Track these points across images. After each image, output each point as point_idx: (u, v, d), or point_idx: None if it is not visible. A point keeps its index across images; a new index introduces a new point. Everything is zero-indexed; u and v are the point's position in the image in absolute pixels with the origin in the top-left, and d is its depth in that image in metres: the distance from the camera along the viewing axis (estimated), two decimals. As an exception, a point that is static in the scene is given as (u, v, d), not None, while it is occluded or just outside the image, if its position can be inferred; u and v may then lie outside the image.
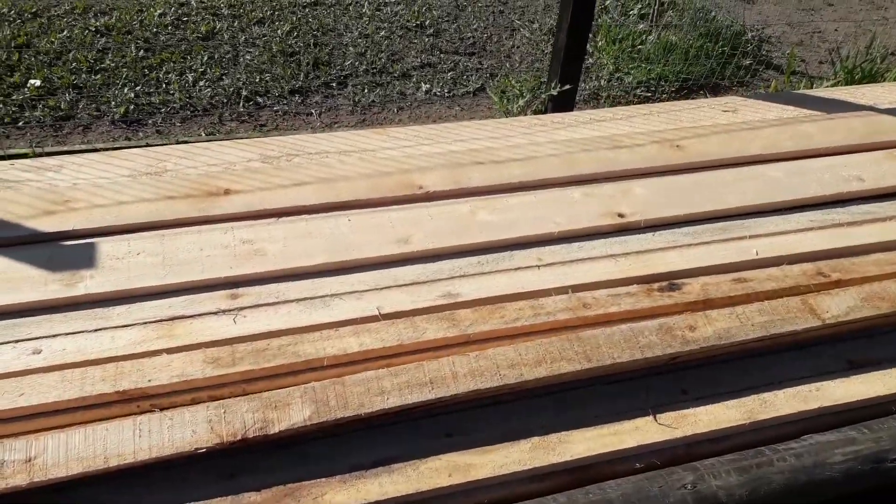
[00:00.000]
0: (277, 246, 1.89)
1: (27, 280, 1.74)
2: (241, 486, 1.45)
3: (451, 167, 2.22)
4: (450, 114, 3.51)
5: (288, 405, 1.51)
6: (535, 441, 1.58)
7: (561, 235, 2.03)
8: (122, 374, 1.55)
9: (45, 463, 1.39)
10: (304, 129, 3.11)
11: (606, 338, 1.71)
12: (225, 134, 3.13)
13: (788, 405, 1.70)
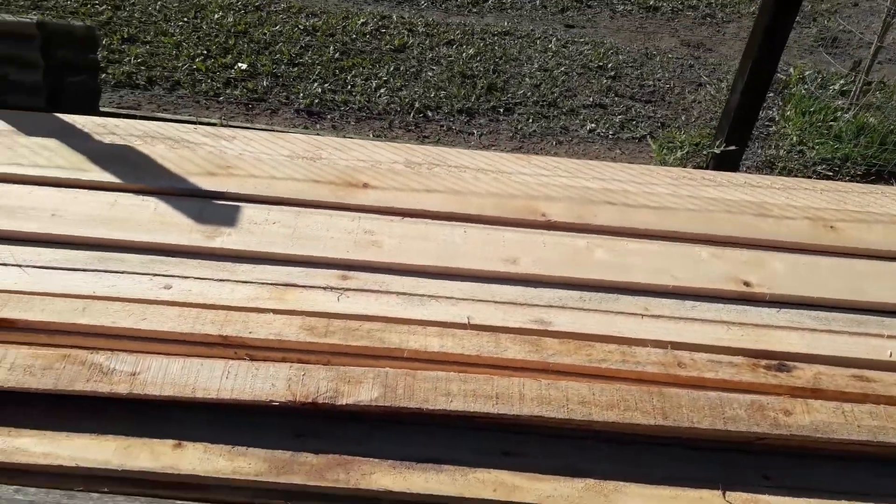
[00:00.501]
0: (394, 241, 2.00)
1: (176, 226, 1.98)
2: (302, 446, 1.56)
3: (579, 202, 2.22)
4: (609, 155, 3.50)
5: (360, 383, 1.60)
6: (590, 483, 1.55)
7: (675, 290, 1.97)
8: (229, 322, 1.72)
9: (145, 380, 1.58)
10: (461, 147, 3.25)
11: (690, 400, 1.64)
12: (390, 139, 3.34)
13: (881, 522, 1.54)
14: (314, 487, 1.50)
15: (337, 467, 1.53)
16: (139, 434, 1.55)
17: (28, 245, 1.89)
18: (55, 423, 1.55)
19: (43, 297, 1.74)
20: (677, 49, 4.79)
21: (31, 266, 1.83)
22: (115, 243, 1.91)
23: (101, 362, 1.59)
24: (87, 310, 1.71)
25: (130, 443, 1.53)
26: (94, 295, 1.77)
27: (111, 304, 1.74)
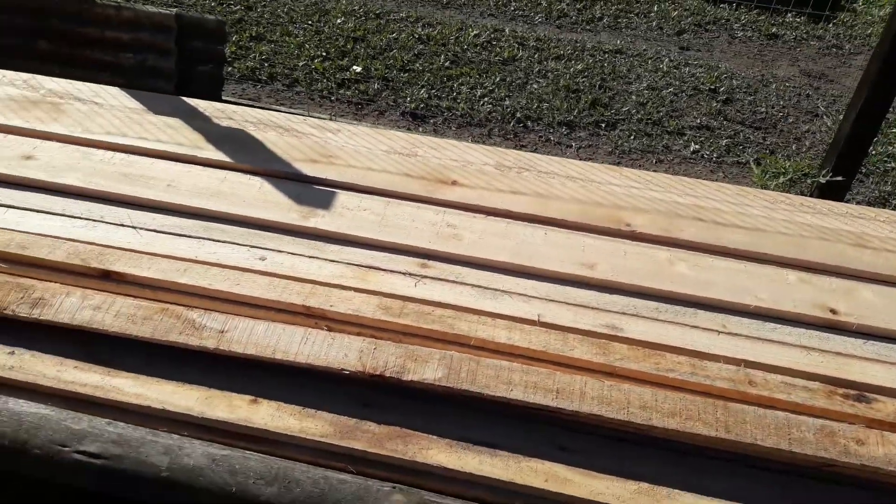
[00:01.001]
0: (474, 236, 2.06)
1: (276, 205, 2.12)
2: (366, 415, 1.64)
3: (667, 215, 2.21)
4: (710, 178, 3.43)
5: (426, 362, 1.67)
6: (644, 486, 1.55)
7: (757, 311, 1.93)
8: (313, 295, 1.83)
9: (231, 338, 1.71)
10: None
11: (756, 417, 1.60)
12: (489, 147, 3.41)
13: (957, 569, 1.45)
14: (374, 455, 1.58)
15: (397, 439, 1.60)
16: (220, 387, 1.68)
17: (144, 210, 2.08)
18: (148, 369, 1.70)
19: (151, 256, 1.92)
20: (796, 78, 4.63)
21: (144, 229, 2.02)
22: (221, 215, 2.08)
23: (194, 318, 1.74)
24: (187, 271, 1.87)
25: (211, 394, 1.66)
26: (196, 259, 1.93)
27: (210, 269, 1.89)
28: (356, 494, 1.47)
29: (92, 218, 2.05)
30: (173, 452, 1.51)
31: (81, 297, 1.78)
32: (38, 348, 1.73)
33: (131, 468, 1.49)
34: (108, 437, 1.53)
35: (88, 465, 1.50)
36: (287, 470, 1.50)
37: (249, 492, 1.47)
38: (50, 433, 1.53)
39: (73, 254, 1.90)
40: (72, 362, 1.71)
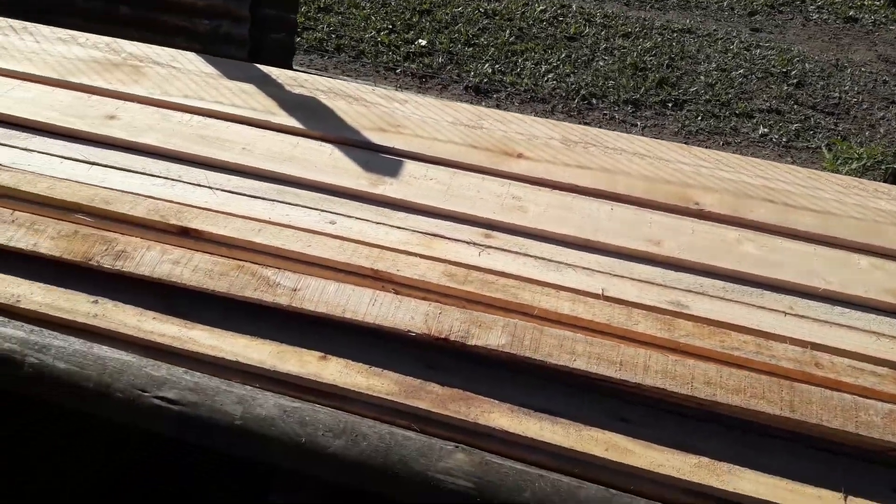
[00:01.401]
0: (538, 209, 2.08)
1: (346, 171, 2.17)
2: (431, 377, 1.68)
3: (736, 195, 2.18)
4: (778, 161, 3.35)
5: (490, 328, 1.70)
6: (704, 461, 1.55)
7: (825, 294, 1.90)
8: (381, 259, 1.88)
9: (304, 296, 1.76)
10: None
11: (822, 398, 1.59)
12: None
13: None
14: (437, 415, 1.62)
15: (459, 401, 1.64)
16: (291, 343, 1.74)
17: (220, 171, 2.15)
18: (223, 323, 1.77)
19: (227, 216, 1.99)
20: (873, 63, 4.46)
21: (220, 189, 2.09)
22: (293, 179, 2.13)
23: (268, 276, 1.80)
24: (261, 231, 1.93)
25: (283, 349, 1.72)
26: (270, 220, 1.99)
27: (283, 230, 1.95)
28: (420, 451, 1.51)
29: (170, 177, 2.13)
30: (246, 402, 1.57)
31: (161, 251, 1.85)
32: (120, 299, 1.82)
33: (206, 415, 1.56)
34: (185, 384, 1.60)
35: (167, 410, 1.58)
36: (354, 424, 1.56)
37: (318, 443, 1.52)
38: (131, 378, 1.61)
39: (153, 210, 1.98)
40: (151, 313, 1.79)
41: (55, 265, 1.86)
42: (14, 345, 1.66)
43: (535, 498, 1.45)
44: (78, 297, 1.82)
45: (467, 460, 1.50)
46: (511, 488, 1.46)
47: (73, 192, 2.02)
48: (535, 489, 1.46)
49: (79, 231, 1.90)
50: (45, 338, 1.68)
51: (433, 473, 1.48)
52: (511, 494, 1.46)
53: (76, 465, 1.81)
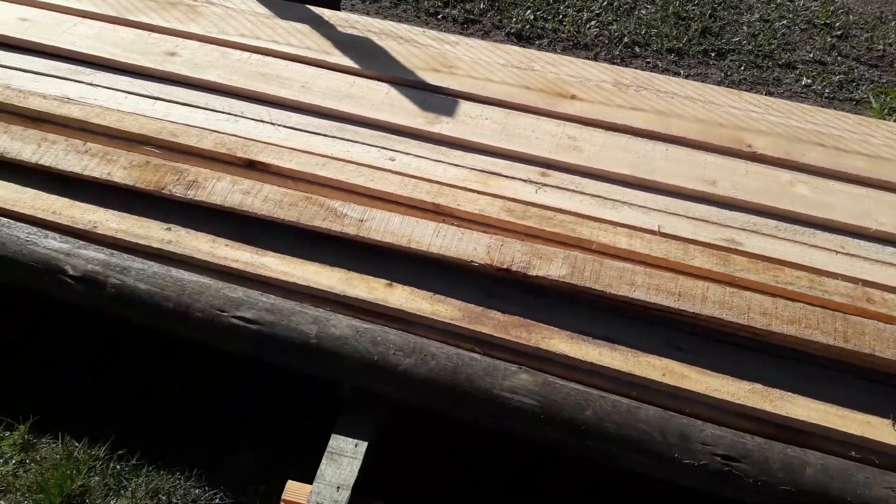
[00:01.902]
0: (594, 149, 2.11)
1: (403, 110, 2.21)
2: (492, 305, 1.75)
3: (788, 139, 2.21)
4: (820, 114, 3.34)
5: (550, 260, 1.76)
6: (758, 387, 1.62)
7: (877, 235, 1.94)
8: (441, 194, 1.93)
9: (370, 227, 1.83)
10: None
11: (876, 330, 1.64)
12: (594, 70, 3.40)
13: None
14: (499, 339, 1.69)
15: (520, 327, 1.71)
16: (359, 271, 1.81)
17: (280, 108, 2.20)
18: (293, 251, 1.85)
19: (290, 150, 2.04)
20: (919, 15, 4.38)
21: (282, 125, 2.15)
22: (351, 117, 2.18)
23: (336, 207, 1.87)
24: (326, 165, 1.99)
25: (351, 276, 1.80)
26: (332, 156, 2.04)
27: (346, 165, 2.01)
28: (486, 370, 1.59)
29: (233, 112, 2.18)
30: (321, 322, 1.65)
31: (231, 181, 1.92)
32: (193, 226, 1.89)
33: (283, 334, 1.64)
34: (262, 305, 1.68)
35: (245, 329, 1.66)
36: (423, 345, 1.63)
37: (389, 361, 1.60)
38: (210, 299, 1.69)
39: (219, 143, 2.04)
40: (223, 241, 1.87)
41: (128, 194, 1.94)
42: (97, 266, 1.75)
43: (596, 416, 1.53)
44: (151, 225, 1.90)
45: (531, 380, 1.58)
46: (573, 406, 1.54)
47: (141, 125, 2.08)
48: (597, 408, 1.54)
49: (150, 161, 1.97)
50: (125, 260, 1.76)
51: (498, 391, 1.56)
52: (573, 412, 1.53)
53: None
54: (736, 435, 1.52)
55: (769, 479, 1.46)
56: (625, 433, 1.51)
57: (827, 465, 1.48)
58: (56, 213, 1.91)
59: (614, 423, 1.52)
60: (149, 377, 1.92)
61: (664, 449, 1.49)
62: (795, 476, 1.46)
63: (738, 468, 1.47)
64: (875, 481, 1.45)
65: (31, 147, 2.01)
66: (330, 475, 1.56)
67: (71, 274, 1.75)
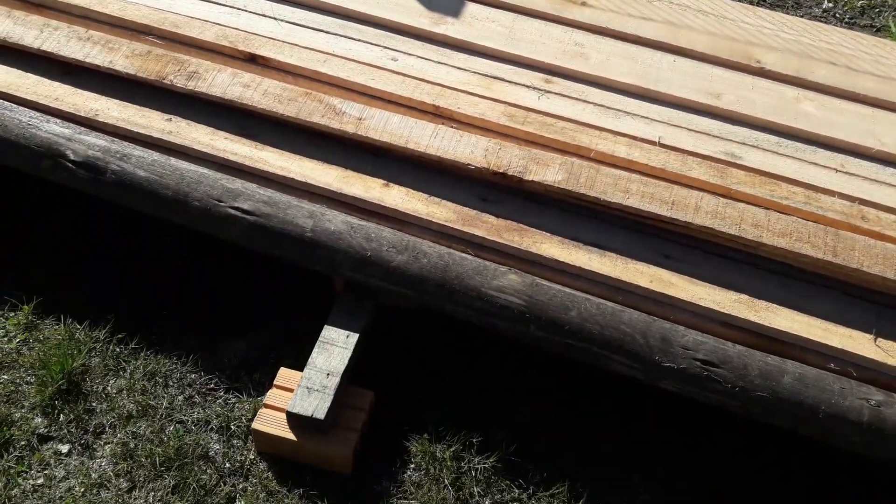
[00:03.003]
0: (601, 57, 2.08)
1: (407, 9, 2.16)
2: (486, 208, 1.76)
3: (799, 56, 2.16)
4: (839, 39, 3.25)
5: (547, 165, 1.76)
6: (744, 298, 1.65)
7: (879, 155, 1.92)
8: (442, 97, 1.92)
9: (368, 126, 1.82)
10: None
11: (865, 246, 1.65)
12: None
13: None
14: (491, 242, 1.71)
15: (513, 231, 1.73)
16: (356, 169, 1.82)
17: (284, 3, 2.16)
18: (291, 147, 1.85)
19: (292, 45, 2.02)
20: (955, -61, 4.19)
21: (284, 20, 2.11)
22: (355, 14, 2.14)
23: (335, 104, 1.86)
24: (327, 62, 1.97)
25: (348, 175, 1.81)
26: (334, 53, 2.02)
27: (347, 63, 1.99)
28: (476, 269, 1.62)
29: (236, 6, 2.14)
30: (317, 217, 1.67)
31: (232, 74, 1.91)
32: (193, 118, 1.90)
33: (279, 226, 1.67)
34: (259, 197, 1.70)
35: (241, 220, 1.68)
36: (416, 243, 1.66)
37: (382, 257, 1.63)
38: (208, 189, 1.71)
39: (221, 36, 2.01)
40: (223, 133, 1.87)
41: (130, 83, 1.93)
42: (97, 152, 1.76)
43: (580, 316, 1.56)
44: (152, 114, 1.90)
45: (519, 280, 1.61)
46: (558, 306, 1.57)
47: (143, 15, 2.05)
48: (581, 309, 1.57)
49: (152, 51, 1.96)
50: (125, 148, 1.78)
51: (486, 290, 1.59)
52: (558, 312, 1.57)
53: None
54: (717, 341, 1.55)
55: (746, 385, 1.50)
56: (607, 334, 1.54)
57: (804, 374, 1.51)
58: (58, 99, 1.92)
59: (598, 324, 1.55)
60: (152, 263, 1.96)
61: (645, 351, 1.53)
62: (772, 383, 1.50)
63: (717, 373, 1.51)
64: (850, 391, 1.49)
65: (33, 32, 1.99)
66: (321, 362, 1.61)
67: (72, 159, 1.76)
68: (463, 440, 1.65)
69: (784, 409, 1.50)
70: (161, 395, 1.71)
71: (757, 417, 1.54)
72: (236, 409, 1.70)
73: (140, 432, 1.64)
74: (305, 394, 1.56)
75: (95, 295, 1.87)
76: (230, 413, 1.69)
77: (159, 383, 1.73)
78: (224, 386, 1.74)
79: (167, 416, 1.68)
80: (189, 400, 1.71)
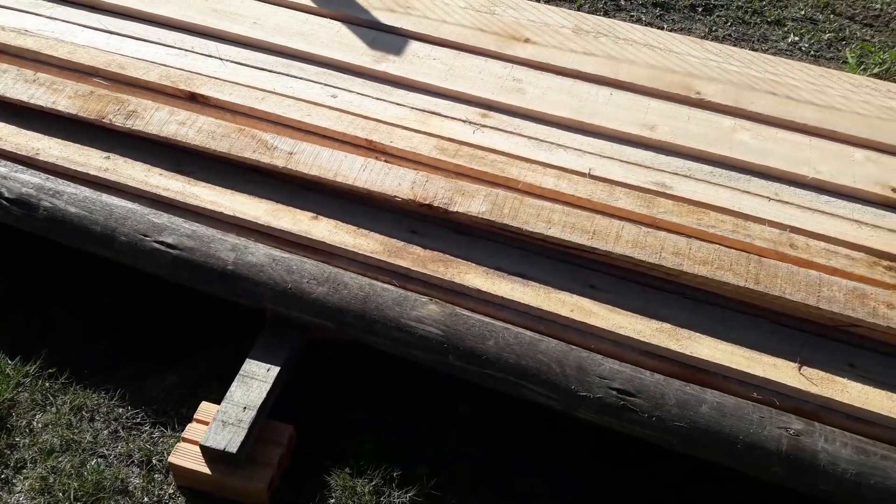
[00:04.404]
0: (537, 91, 2.10)
1: (351, 48, 2.21)
2: (413, 240, 1.77)
3: (739, 87, 2.17)
4: (804, 72, 3.26)
5: (472, 197, 1.77)
6: (666, 326, 1.63)
7: (813, 183, 1.92)
8: (377, 131, 1.94)
9: (299, 160, 1.85)
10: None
11: (788, 273, 1.64)
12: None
13: (966, 432, 1.48)
14: (416, 273, 1.71)
15: (438, 262, 1.73)
16: (286, 203, 1.84)
17: (231, 44, 2.22)
18: (223, 182, 1.88)
19: (233, 84, 2.06)
20: (927, -25, 4.23)
21: (229, 60, 2.16)
22: (300, 54, 2.19)
23: (266, 139, 1.89)
24: (265, 100, 2.01)
25: (278, 208, 1.82)
26: (274, 91, 2.06)
27: (285, 100, 2.02)
28: (396, 300, 1.62)
29: (184, 47, 2.20)
30: (239, 250, 1.69)
31: (169, 112, 1.95)
32: (130, 155, 1.93)
33: (201, 259, 1.68)
34: (183, 231, 1.72)
35: (166, 253, 1.70)
36: (337, 275, 1.66)
37: (303, 289, 1.64)
38: (135, 224, 1.73)
39: (164, 76, 2.06)
40: (158, 170, 1.90)
41: (72, 122, 1.98)
42: (31, 189, 1.79)
43: (497, 346, 1.55)
44: (91, 153, 1.94)
45: (438, 311, 1.60)
46: (476, 336, 1.56)
47: (92, 57, 2.11)
48: (499, 339, 1.56)
49: (94, 91, 2.00)
50: (58, 185, 1.81)
51: (405, 320, 1.59)
52: (476, 342, 1.56)
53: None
54: (634, 370, 1.53)
55: (663, 414, 1.48)
56: (524, 363, 1.53)
57: (723, 403, 1.49)
58: (1, 139, 1.96)
59: (515, 353, 1.54)
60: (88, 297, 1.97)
61: (561, 380, 1.51)
62: (690, 413, 1.48)
63: (633, 402, 1.49)
64: (770, 421, 1.46)
65: (-20, 76, 2.05)
66: (238, 396, 1.60)
67: (6, 196, 1.80)
68: (384, 474, 1.63)
69: (702, 439, 1.47)
70: (86, 430, 1.71)
71: (676, 448, 1.51)
72: (160, 444, 1.69)
73: (61, 467, 1.64)
74: (220, 427, 1.55)
75: (29, 330, 1.88)
76: (153, 447, 1.68)
77: (85, 417, 1.73)
78: (150, 420, 1.73)
79: (90, 451, 1.67)
80: (114, 434, 1.71)
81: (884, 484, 1.39)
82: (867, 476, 1.40)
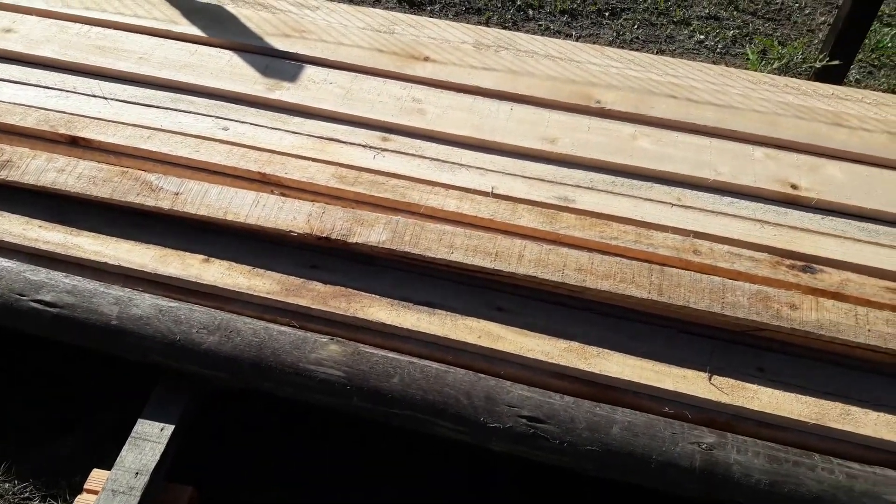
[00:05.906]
0: (438, 111, 2.05)
1: (243, 77, 2.13)
2: (314, 276, 1.69)
3: (639, 92, 2.17)
4: (712, 70, 3.30)
5: (372, 226, 1.70)
6: (574, 346, 1.59)
7: (715, 185, 1.91)
8: (270, 163, 1.86)
9: (185, 200, 1.76)
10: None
11: (692, 281, 1.62)
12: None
13: (873, 429, 1.48)
14: (317, 311, 1.64)
15: (340, 297, 1.66)
16: (174, 247, 1.74)
17: (116, 81, 2.11)
18: (107, 229, 1.77)
19: (118, 124, 1.96)
20: (824, -33, 4.36)
21: (114, 99, 2.05)
22: (188, 87, 2.09)
23: (151, 181, 1.79)
24: (151, 138, 1.91)
25: (166, 253, 1.73)
26: (161, 128, 1.96)
27: (173, 136, 1.93)
28: (294, 344, 1.54)
29: (65, 88, 2.08)
30: (123, 303, 1.59)
31: (47, 159, 1.83)
32: (6, 208, 1.81)
33: (83, 316, 1.57)
34: (62, 287, 1.61)
35: (45, 312, 1.59)
36: (230, 321, 1.58)
37: (192, 340, 1.54)
38: (10, 283, 1.62)
39: (42, 121, 1.95)
40: (37, 221, 1.78)
41: (-61, 177, 1.85)
42: None
43: (402, 383, 1.49)
44: (-37, 209, 1.81)
45: (339, 350, 1.53)
46: (380, 374, 1.50)
47: (-40, 105, 1.98)
48: (404, 374, 1.50)
49: (-38, 143, 1.88)
50: (-77, 247, 1.67)
51: (304, 364, 1.51)
52: (380, 380, 1.49)
53: None
54: (543, 395, 1.49)
55: (574, 439, 1.44)
56: (430, 398, 1.47)
57: (633, 422, 1.45)
58: None
59: (421, 389, 1.48)
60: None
61: (469, 412, 1.46)
62: (601, 435, 1.44)
63: (544, 429, 1.44)
64: (682, 436, 1.44)
65: None
66: (130, 461, 1.50)
67: None
68: (294, 528, 1.55)
69: (615, 461, 1.43)
70: (-32, 511, 1.58)
71: (591, 473, 1.46)
72: (52, 518, 1.58)
73: (-59, 556, 1.51)
74: (109, 497, 1.44)
75: None
76: (44, 523, 1.57)
77: (-32, 497, 1.60)
78: (40, 493, 1.62)
79: (-26, 533, 1.55)
80: (0, 512, 1.58)
81: (797, 491, 1.38)
82: (780, 485, 1.38)
